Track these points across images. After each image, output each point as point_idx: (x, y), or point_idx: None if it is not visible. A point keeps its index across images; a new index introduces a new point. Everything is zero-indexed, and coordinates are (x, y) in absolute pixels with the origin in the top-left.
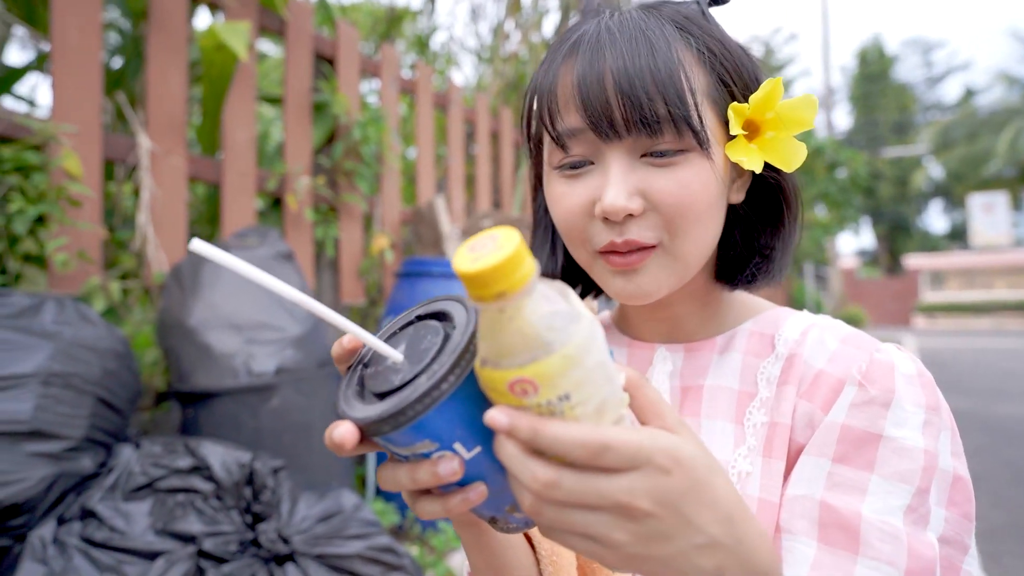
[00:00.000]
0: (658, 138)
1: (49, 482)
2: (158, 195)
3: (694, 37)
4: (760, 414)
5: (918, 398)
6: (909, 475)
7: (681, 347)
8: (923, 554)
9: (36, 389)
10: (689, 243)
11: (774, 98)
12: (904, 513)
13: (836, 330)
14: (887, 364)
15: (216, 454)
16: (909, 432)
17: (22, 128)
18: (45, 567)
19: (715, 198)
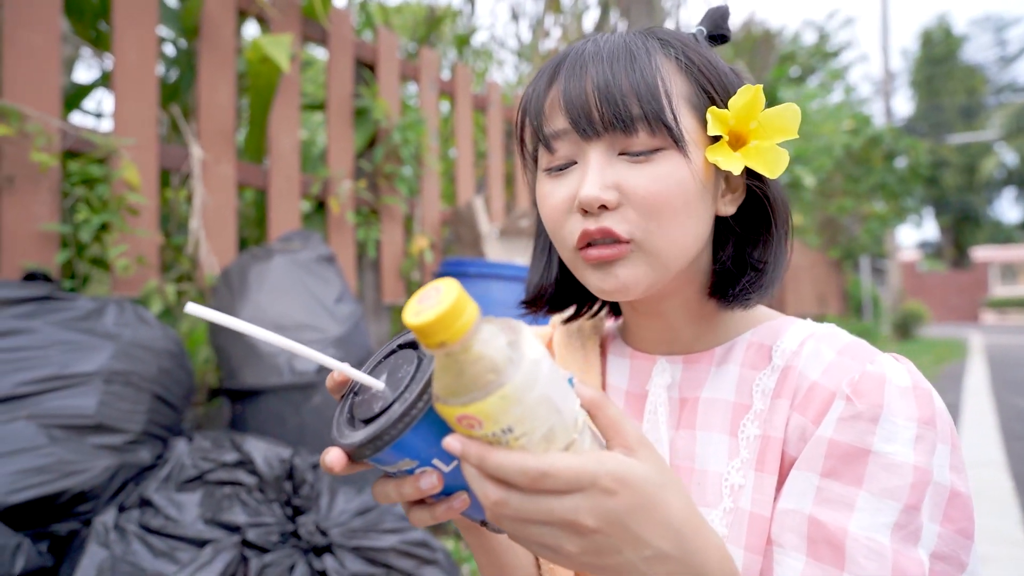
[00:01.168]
0: (633, 137)
1: (112, 472)
2: (209, 202)
3: (676, 50)
4: (754, 427)
5: (910, 412)
6: (897, 492)
7: (680, 359)
8: (909, 570)
9: (99, 386)
10: (663, 239)
11: (756, 107)
12: (892, 530)
13: (834, 340)
14: (878, 377)
15: (259, 449)
16: (899, 447)
17: (87, 143)
18: (107, 551)
19: (692, 196)
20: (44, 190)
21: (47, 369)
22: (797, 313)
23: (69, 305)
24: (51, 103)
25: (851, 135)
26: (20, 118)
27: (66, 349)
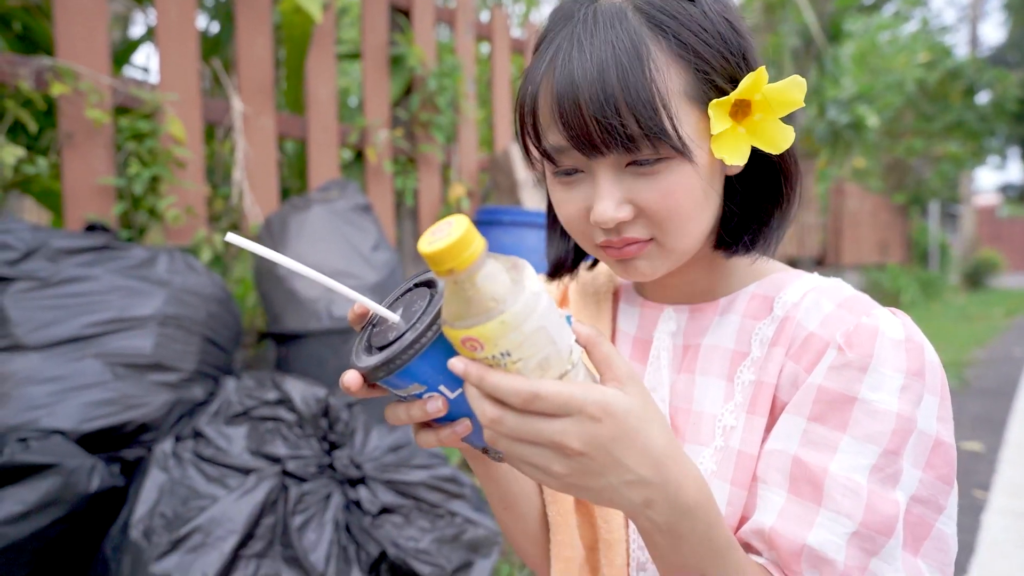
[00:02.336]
0: (637, 152)
1: (169, 406)
2: (251, 154)
3: (670, 31)
4: (749, 373)
5: (899, 363)
6: (878, 436)
7: (687, 308)
8: (882, 510)
9: (155, 329)
10: (681, 238)
11: (760, 83)
12: (870, 472)
13: (836, 293)
14: (871, 329)
15: (297, 389)
16: (884, 396)
17: (135, 99)
18: (166, 474)
19: (701, 198)
20: (99, 146)
21: (108, 312)
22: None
23: (125, 254)
24: (101, 61)
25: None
26: (74, 77)
27: (124, 294)
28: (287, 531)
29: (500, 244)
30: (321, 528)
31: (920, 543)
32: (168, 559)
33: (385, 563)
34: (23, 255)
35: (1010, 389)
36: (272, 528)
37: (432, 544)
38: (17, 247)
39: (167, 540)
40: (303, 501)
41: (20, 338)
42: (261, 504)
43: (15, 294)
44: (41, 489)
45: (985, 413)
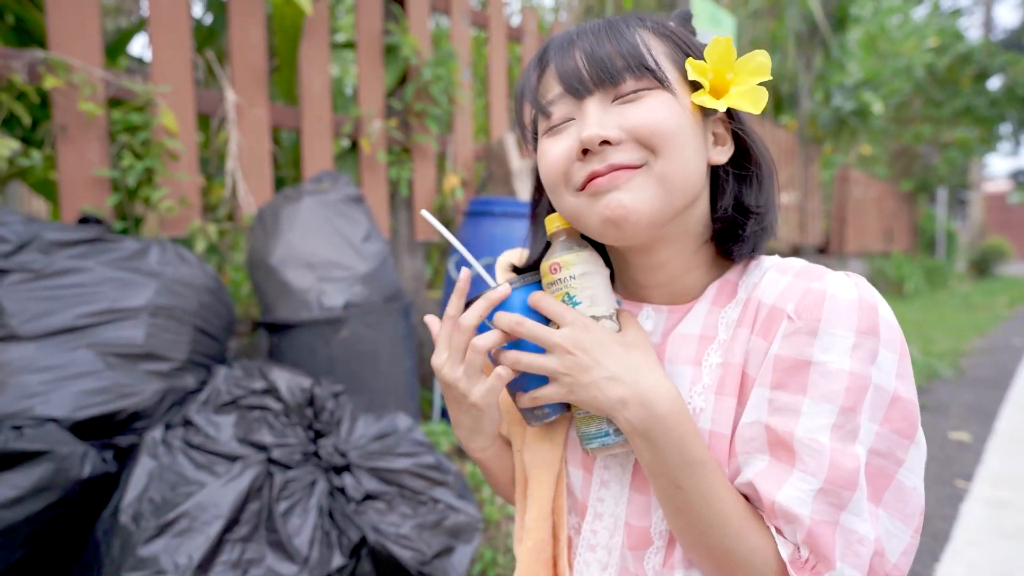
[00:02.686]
0: (622, 85)
1: (161, 395)
2: (244, 144)
3: (653, 22)
4: (716, 355)
5: (850, 323)
6: (833, 395)
7: (665, 308)
8: (844, 465)
9: (146, 319)
10: (671, 164)
11: (729, 57)
12: (830, 430)
13: (792, 266)
14: (819, 293)
15: (283, 379)
16: (835, 356)
17: (128, 91)
18: (156, 461)
19: (685, 126)
20: (93, 138)
21: (101, 304)
22: (860, 250)
23: (117, 246)
24: (94, 54)
25: (936, 53)
26: (67, 69)
27: (116, 286)
28: (272, 516)
29: (491, 234)
30: (305, 514)
31: (880, 494)
32: (155, 543)
33: (365, 547)
34: (17, 247)
35: (1005, 379)
36: (257, 513)
37: (413, 530)
38: (10, 239)
39: (155, 524)
40: (288, 488)
41: (15, 328)
42: (247, 490)
43: (9, 286)
44: (35, 475)
45: (977, 403)
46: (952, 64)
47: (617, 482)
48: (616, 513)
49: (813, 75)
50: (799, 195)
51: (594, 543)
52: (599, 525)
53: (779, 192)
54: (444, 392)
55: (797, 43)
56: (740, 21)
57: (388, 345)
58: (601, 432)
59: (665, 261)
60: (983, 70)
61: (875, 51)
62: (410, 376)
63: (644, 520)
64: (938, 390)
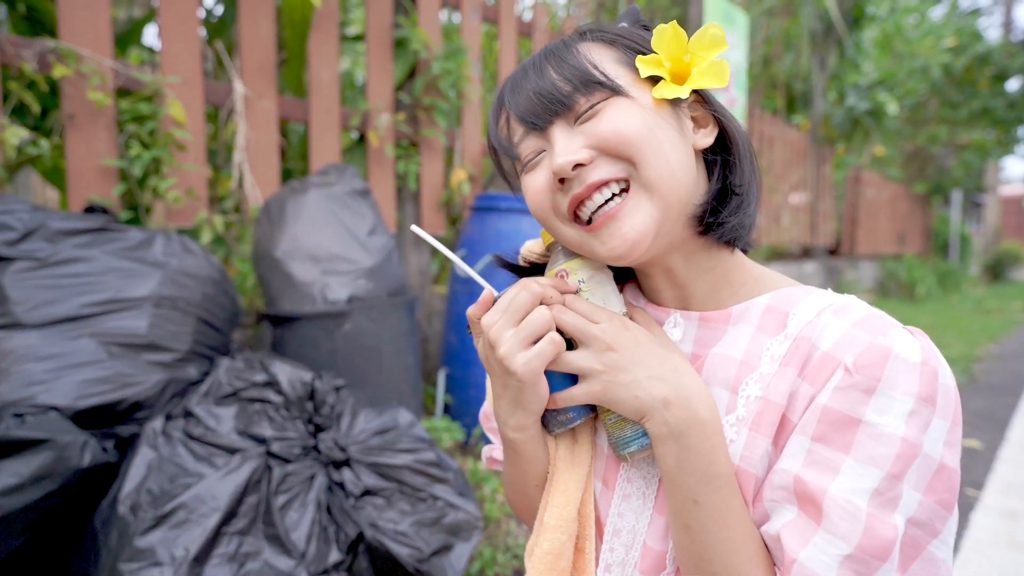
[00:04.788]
0: (576, 106)
1: (163, 386)
2: (252, 136)
3: (595, 32)
4: (756, 387)
5: (911, 387)
6: (882, 460)
7: (696, 315)
8: (880, 534)
9: (150, 310)
10: (652, 168)
11: (680, 40)
12: (871, 495)
13: (852, 312)
14: (883, 350)
15: (284, 372)
16: (891, 419)
17: (137, 81)
18: (155, 452)
19: (653, 124)
20: (101, 127)
21: (104, 293)
22: (871, 252)
23: (122, 236)
24: (103, 43)
25: (953, 53)
26: (76, 59)
27: (120, 276)
28: (270, 510)
29: (497, 229)
30: (303, 508)
31: (909, 563)
32: (152, 534)
33: (363, 544)
34: (22, 235)
35: (1018, 386)
36: (255, 507)
37: (411, 527)
38: (16, 227)
39: (152, 515)
40: (286, 481)
41: (19, 316)
42: (245, 483)
43: (14, 273)
44: (35, 463)
45: (988, 410)
46: (970, 65)
47: (639, 496)
48: (636, 530)
49: (827, 74)
50: (811, 196)
51: (610, 561)
52: (616, 542)
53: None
54: (486, 360)
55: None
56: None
57: (391, 340)
58: (638, 433)
59: (674, 265)
60: (1002, 71)
61: (891, 51)
62: (413, 371)
63: (662, 544)
64: None
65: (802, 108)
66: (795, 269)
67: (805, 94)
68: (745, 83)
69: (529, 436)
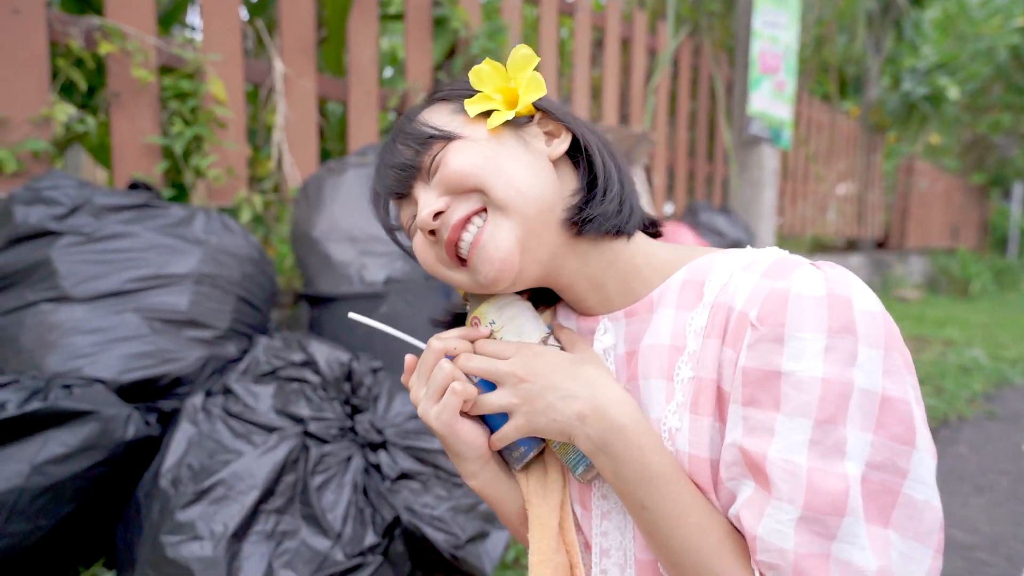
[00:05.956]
0: (422, 166)
1: (203, 362)
2: (291, 116)
3: (429, 96)
4: (687, 368)
5: (819, 323)
6: (808, 408)
7: (621, 314)
8: (826, 487)
9: (191, 287)
10: (499, 188)
11: (499, 72)
12: (808, 448)
13: (761, 263)
14: (782, 293)
15: (321, 352)
16: (808, 362)
17: (178, 58)
18: (196, 428)
19: (492, 151)
20: (145, 105)
21: (147, 269)
22: (922, 245)
23: (164, 212)
24: (147, 21)
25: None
26: (121, 36)
27: (162, 252)
28: (307, 490)
29: None
30: (340, 489)
31: (888, 512)
32: (193, 508)
33: (399, 528)
34: (69, 210)
35: None
36: (292, 486)
37: (447, 512)
38: (63, 203)
39: (192, 490)
40: (323, 462)
41: (67, 290)
42: (283, 462)
43: (62, 248)
44: (81, 434)
45: None
46: None
47: (619, 512)
48: (624, 546)
49: (882, 57)
50: (858, 186)
51: None
52: (608, 563)
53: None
54: None
55: (867, 23)
56: None
57: (427, 323)
58: (579, 454)
59: (573, 276)
60: None
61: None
62: None
63: (650, 554)
64: (1009, 398)
65: (853, 94)
66: (840, 262)
67: (857, 78)
68: (795, 66)
69: (485, 481)
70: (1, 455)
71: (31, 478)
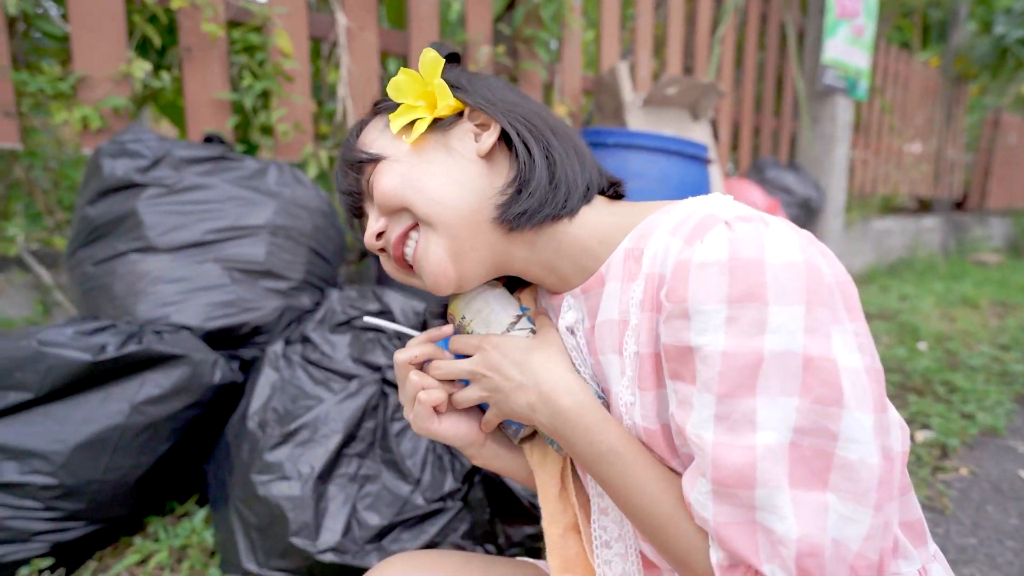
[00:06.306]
0: (363, 188)
1: (280, 312)
2: (354, 70)
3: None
4: (632, 343)
5: (720, 293)
6: (711, 383)
7: (579, 290)
8: (728, 462)
9: (266, 238)
10: (420, 205)
11: (415, 79)
12: (714, 423)
13: (690, 222)
14: (684, 266)
15: (397, 301)
16: (711, 336)
17: (246, 12)
18: (278, 374)
19: (408, 167)
20: (215, 60)
21: (225, 220)
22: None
23: (238, 165)
24: None
25: None
26: None
27: (238, 204)
28: (386, 436)
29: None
30: (418, 436)
31: (825, 476)
32: (281, 449)
33: (479, 475)
34: (152, 163)
35: None
36: (373, 431)
37: None
38: (146, 155)
39: (279, 432)
40: (401, 409)
41: (152, 240)
42: (362, 408)
43: (147, 199)
44: (173, 376)
45: None
46: None
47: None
48: (623, 536)
49: None
50: (936, 142)
51: (607, 539)
52: (607, 520)
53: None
54: None
55: None
56: None
57: None
58: (514, 424)
59: (523, 264)
60: None
61: None
62: None
63: None
64: None
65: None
66: (912, 224)
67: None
68: (876, 9)
69: (486, 459)
70: (104, 395)
71: (131, 417)
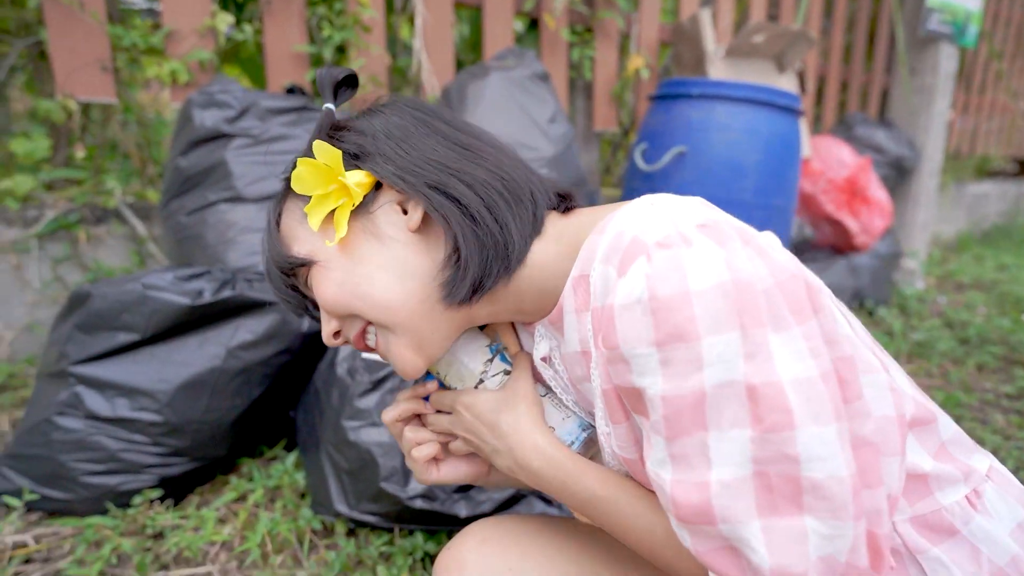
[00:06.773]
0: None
1: None
2: (429, 21)
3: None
4: (596, 378)
5: (647, 336)
6: (658, 426)
7: (547, 322)
8: (685, 500)
9: None
10: (368, 313)
11: (318, 168)
12: (671, 462)
13: (618, 250)
14: (608, 312)
15: None
16: (649, 379)
17: None
18: None
19: (344, 273)
20: (294, 13)
21: None
22: None
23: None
24: None
25: None
26: None
27: None
28: None
29: (687, 119)
30: None
31: (798, 500)
32: (370, 396)
33: None
34: (239, 113)
35: None
36: None
37: None
38: (234, 105)
39: (368, 380)
40: None
41: (240, 190)
42: None
43: (235, 150)
44: (265, 323)
45: None
46: None
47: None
48: None
49: None
50: None
51: None
52: None
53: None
54: None
55: None
56: None
57: None
58: None
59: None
60: None
61: None
62: None
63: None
64: None
65: None
66: (1013, 188)
67: None
68: None
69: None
70: (202, 338)
71: (227, 360)
